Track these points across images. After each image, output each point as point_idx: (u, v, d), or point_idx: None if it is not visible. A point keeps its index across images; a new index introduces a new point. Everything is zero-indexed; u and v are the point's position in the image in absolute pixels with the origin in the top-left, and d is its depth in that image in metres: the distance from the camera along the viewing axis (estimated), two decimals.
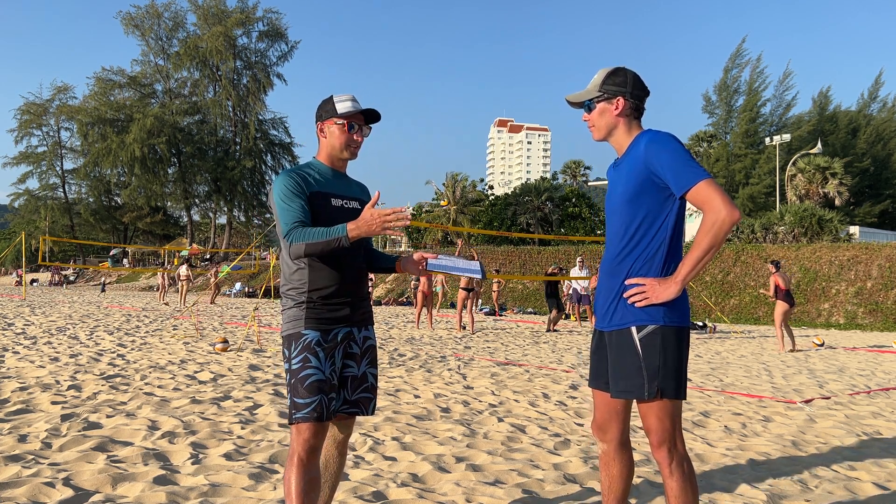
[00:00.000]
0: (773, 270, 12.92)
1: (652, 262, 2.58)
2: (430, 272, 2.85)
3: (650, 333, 2.52)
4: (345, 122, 2.78)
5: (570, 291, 20.60)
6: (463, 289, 15.17)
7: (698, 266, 2.48)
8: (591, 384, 2.80)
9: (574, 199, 53.20)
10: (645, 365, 2.51)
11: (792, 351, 12.62)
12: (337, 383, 2.73)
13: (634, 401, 2.60)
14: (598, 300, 2.75)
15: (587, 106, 2.72)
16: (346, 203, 2.80)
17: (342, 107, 2.79)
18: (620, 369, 2.57)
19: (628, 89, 2.66)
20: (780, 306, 12.58)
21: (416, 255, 2.86)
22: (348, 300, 2.76)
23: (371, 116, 2.86)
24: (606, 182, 2.86)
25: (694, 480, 2.55)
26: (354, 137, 2.80)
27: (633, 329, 2.54)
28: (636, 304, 2.54)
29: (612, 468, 2.79)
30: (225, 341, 9.82)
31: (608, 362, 2.66)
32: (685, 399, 2.58)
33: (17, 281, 51.99)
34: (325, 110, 2.81)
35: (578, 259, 19.80)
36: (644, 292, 2.53)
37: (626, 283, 2.59)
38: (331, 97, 2.83)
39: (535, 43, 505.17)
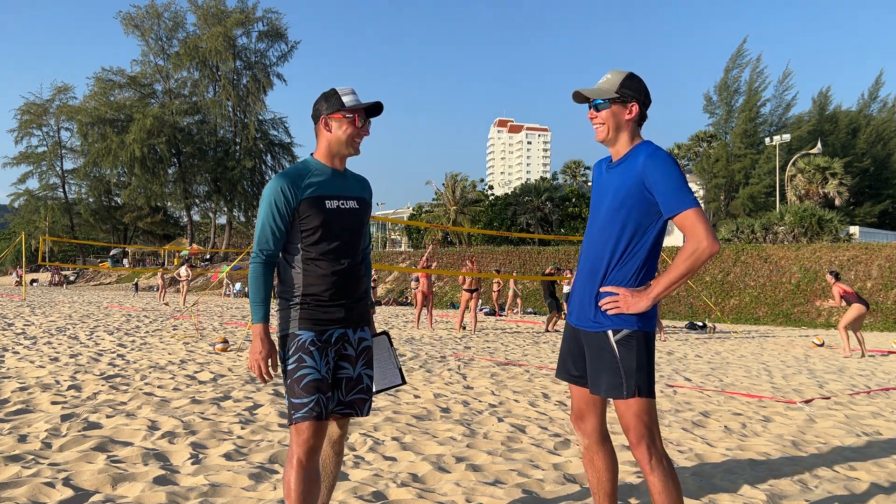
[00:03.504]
0: (833, 281, 12.55)
1: (629, 272, 2.65)
2: (427, 272, 2.86)
3: (625, 337, 2.61)
4: (353, 115, 2.72)
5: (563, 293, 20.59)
6: (466, 290, 15.16)
7: (671, 288, 2.59)
8: (560, 375, 2.89)
9: (574, 199, 53.21)
10: (622, 366, 2.60)
11: (862, 356, 11.93)
12: (331, 383, 2.72)
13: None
14: (574, 296, 2.81)
15: (596, 105, 2.70)
16: (342, 203, 2.74)
17: (349, 100, 2.73)
18: (600, 369, 2.65)
19: (642, 97, 2.68)
20: (855, 310, 12.00)
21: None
22: (343, 301, 2.74)
23: (372, 111, 2.80)
24: None
25: (675, 476, 2.61)
26: (361, 132, 2.76)
27: (610, 332, 2.63)
28: (609, 313, 2.63)
29: (596, 461, 2.84)
30: (225, 341, 9.81)
31: (586, 361, 2.73)
32: (654, 397, 2.66)
33: (17, 281, 51.95)
34: (331, 103, 2.73)
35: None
36: (617, 302, 2.61)
37: (602, 290, 2.67)
38: (334, 90, 2.75)
39: (536, 43, 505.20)
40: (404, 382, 2.94)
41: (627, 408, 2.60)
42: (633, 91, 2.66)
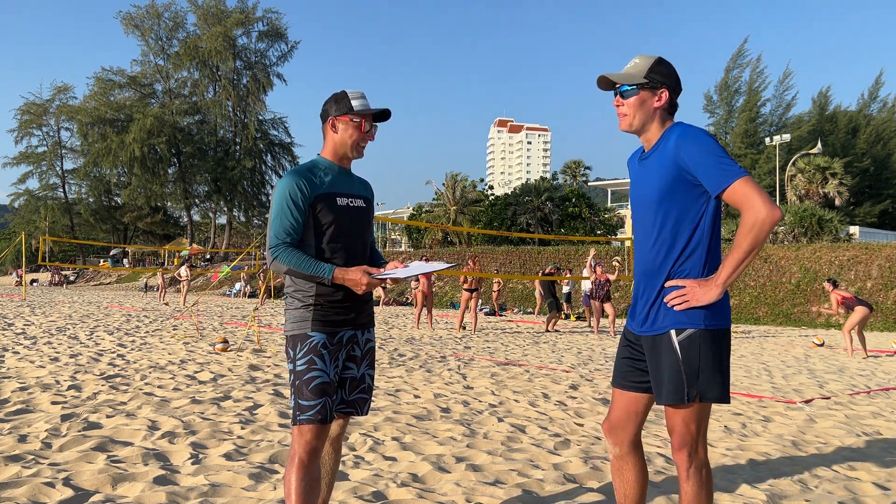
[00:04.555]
0: (831, 289, 12.57)
1: (691, 263, 2.47)
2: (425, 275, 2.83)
3: (689, 337, 2.43)
4: (361, 120, 2.74)
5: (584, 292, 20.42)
6: (466, 290, 15.16)
7: (740, 268, 2.37)
8: (615, 383, 2.71)
9: (574, 199, 53.18)
10: (685, 369, 2.42)
11: (865, 358, 11.95)
12: (337, 385, 2.74)
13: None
14: (634, 301, 2.65)
15: (623, 91, 2.53)
16: (351, 201, 2.78)
17: (358, 104, 2.74)
18: (663, 374, 2.47)
19: (673, 83, 2.52)
20: (859, 313, 12.03)
21: (390, 265, 2.82)
22: (354, 303, 2.77)
23: (379, 115, 2.82)
24: (609, 181, 2.81)
25: (710, 488, 2.47)
26: (367, 137, 2.79)
27: (673, 332, 2.45)
28: (676, 308, 2.44)
29: (625, 472, 2.68)
30: (225, 341, 9.81)
31: (649, 368, 2.56)
32: (729, 402, 2.49)
33: (17, 281, 51.93)
34: (340, 105, 2.75)
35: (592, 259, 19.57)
36: (684, 295, 2.43)
37: (666, 285, 2.49)
38: (345, 92, 2.77)
39: (536, 43, 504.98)
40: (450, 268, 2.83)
41: (675, 411, 2.44)
42: (663, 77, 2.49)
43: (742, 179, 2.34)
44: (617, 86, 2.55)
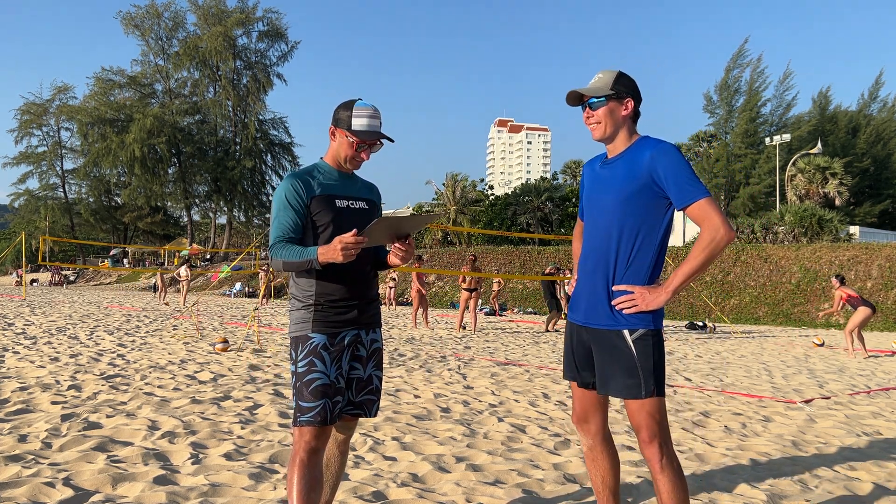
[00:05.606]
0: (838, 285, 12.44)
1: (639, 268, 2.62)
2: (420, 270, 2.83)
3: (642, 336, 2.59)
4: (355, 140, 2.72)
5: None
6: (466, 290, 15.16)
7: (689, 279, 2.55)
8: (568, 377, 2.86)
9: (574, 200, 53.20)
10: (640, 366, 2.57)
11: (866, 358, 11.90)
12: (343, 386, 2.73)
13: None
14: (579, 294, 2.75)
15: (591, 103, 2.69)
16: (351, 203, 2.77)
17: (358, 123, 2.71)
18: (613, 369, 2.61)
19: (635, 93, 2.70)
20: (861, 314, 11.94)
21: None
22: (356, 303, 2.76)
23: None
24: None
25: (683, 476, 2.60)
26: (361, 155, 2.76)
27: (626, 332, 2.59)
28: (625, 312, 2.59)
29: (600, 462, 2.84)
30: (225, 341, 9.81)
31: (594, 360, 2.69)
32: (664, 395, 2.64)
33: (17, 281, 51.95)
34: (342, 118, 2.73)
35: None
36: (633, 300, 2.58)
37: (615, 289, 2.63)
38: (352, 105, 2.72)
39: (536, 42, 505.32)
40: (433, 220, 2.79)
41: (641, 407, 2.58)
42: (627, 88, 2.68)
43: (707, 199, 2.53)
44: (585, 99, 2.71)
